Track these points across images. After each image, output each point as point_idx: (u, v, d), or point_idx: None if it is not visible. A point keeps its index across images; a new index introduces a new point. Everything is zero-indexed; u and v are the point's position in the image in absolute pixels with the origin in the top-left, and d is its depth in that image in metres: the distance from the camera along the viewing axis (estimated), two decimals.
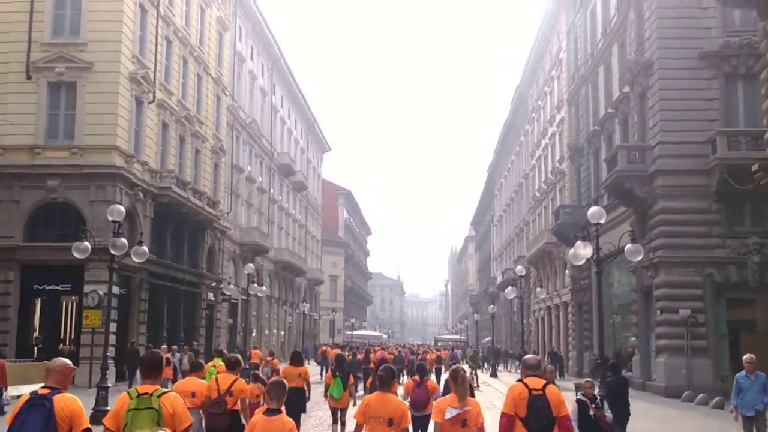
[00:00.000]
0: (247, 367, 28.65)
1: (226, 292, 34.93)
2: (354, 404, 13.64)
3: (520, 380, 7.32)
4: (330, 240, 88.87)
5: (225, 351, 20.09)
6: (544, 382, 7.14)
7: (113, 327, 27.62)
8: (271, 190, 55.10)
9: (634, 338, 31.18)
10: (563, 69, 45.42)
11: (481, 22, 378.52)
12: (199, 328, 37.96)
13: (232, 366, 10.71)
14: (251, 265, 34.33)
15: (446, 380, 9.42)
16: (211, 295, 39.48)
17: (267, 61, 54.28)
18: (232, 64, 44.60)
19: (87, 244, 17.68)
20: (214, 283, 38.95)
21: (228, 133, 43.59)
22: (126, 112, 28.88)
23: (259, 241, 47.20)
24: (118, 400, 5.78)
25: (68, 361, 5.77)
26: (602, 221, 16.40)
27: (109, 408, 12.42)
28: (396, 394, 8.14)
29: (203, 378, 12.86)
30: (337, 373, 13.53)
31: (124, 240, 17.42)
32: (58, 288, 28.31)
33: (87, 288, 26.96)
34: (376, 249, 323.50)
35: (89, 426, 5.48)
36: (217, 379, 10.38)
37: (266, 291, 34.68)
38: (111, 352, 27.51)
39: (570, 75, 43.20)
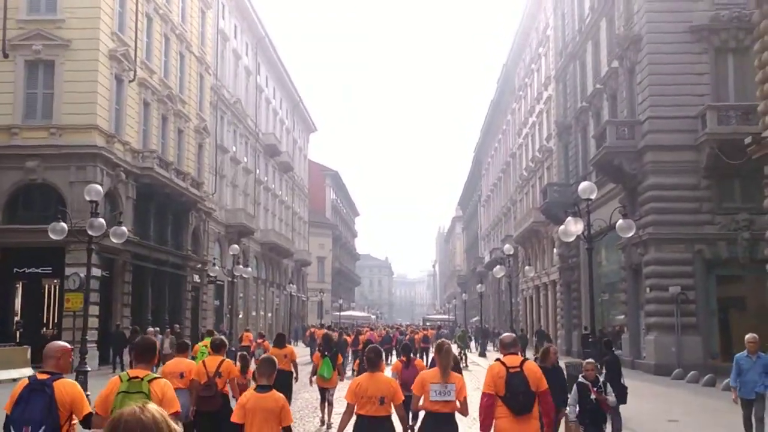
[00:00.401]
0: (234, 349, 28.49)
1: (211, 274, 34.46)
2: (341, 381, 13.89)
3: (498, 359, 7.39)
4: (317, 221, 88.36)
5: (215, 332, 19.95)
6: (521, 359, 7.20)
7: (95, 310, 27.29)
8: (257, 171, 54.50)
9: (622, 316, 31.00)
10: (550, 46, 44.95)
11: (470, 1, 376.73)
12: (185, 310, 37.54)
13: (217, 348, 10.76)
14: (236, 246, 33.85)
15: (433, 358, 9.47)
16: (196, 277, 39.03)
17: (251, 39, 53.50)
18: (216, 43, 43.88)
19: (63, 225, 17.21)
20: (200, 265, 38.49)
21: (212, 112, 42.95)
22: (106, 90, 28.26)
23: (245, 223, 46.69)
24: (109, 383, 5.77)
25: (65, 344, 5.71)
26: (593, 197, 16.07)
27: (89, 393, 12.27)
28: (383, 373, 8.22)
29: (194, 358, 13.07)
30: (326, 353, 13.66)
31: (101, 220, 16.92)
32: (39, 271, 27.77)
33: (68, 270, 26.48)
34: (364, 230, 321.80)
35: (92, 410, 5.47)
36: (204, 362, 10.42)
37: (252, 272, 34.19)
38: (93, 335, 27.27)
39: (557, 52, 42.75)
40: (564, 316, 40.54)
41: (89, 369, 17.07)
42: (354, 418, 7.57)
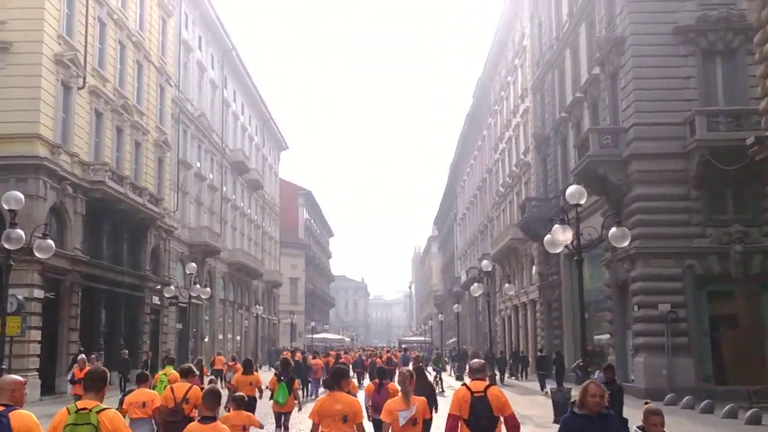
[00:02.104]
0: (209, 374, 26.44)
1: (167, 294, 32.23)
2: (299, 409, 13.76)
3: (464, 384, 7.75)
4: (289, 242, 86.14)
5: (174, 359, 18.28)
6: (486, 384, 7.45)
7: (37, 335, 25.03)
8: (224, 189, 52.36)
9: (606, 336, 29.21)
10: (527, 56, 43.45)
11: (441, 15, 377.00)
12: (143, 334, 35.20)
13: (185, 374, 10.90)
14: (193, 264, 31.65)
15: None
16: (156, 299, 36.71)
17: (217, 52, 51.57)
18: (178, 53, 41.89)
19: None
20: (159, 286, 36.18)
21: (173, 126, 40.87)
22: (50, 97, 26.15)
23: (210, 242, 44.50)
24: (57, 415, 5.67)
25: (18, 377, 5.66)
26: (582, 202, 14.24)
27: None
28: (353, 394, 8.72)
29: (154, 387, 12.95)
30: (282, 378, 13.46)
31: (19, 231, 14.80)
32: None
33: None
34: (339, 251, 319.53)
35: None
36: (172, 388, 10.53)
37: (209, 292, 31.96)
38: (35, 362, 25.00)
39: (534, 62, 41.24)
40: (545, 336, 38.68)
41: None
42: None
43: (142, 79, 35.91)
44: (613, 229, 13.88)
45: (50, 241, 16.52)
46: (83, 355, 21.27)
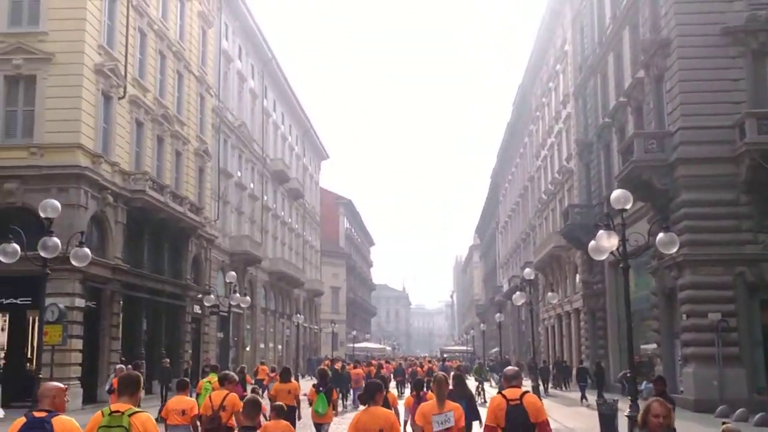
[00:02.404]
0: (252, 383, 26.35)
1: (207, 303, 32.18)
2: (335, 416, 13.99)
3: (499, 392, 7.72)
4: (330, 251, 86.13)
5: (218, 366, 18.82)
6: (521, 391, 7.39)
7: (78, 343, 25.12)
8: (264, 198, 52.46)
9: (653, 345, 28.39)
10: (568, 61, 42.80)
11: (481, 23, 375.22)
12: (184, 343, 35.25)
13: (222, 382, 11.19)
14: (233, 273, 31.51)
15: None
16: (197, 308, 36.76)
17: (257, 62, 51.76)
18: (218, 63, 42.08)
19: (16, 246, 14.98)
20: (200, 295, 36.19)
21: (214, 135, 41.03)
22: (91, 107, 26.30)
23: (251, 250, 44.53)
24: (91, 419, 5.83)
25: (59, 384, 5.75)
26: (628, 207, 13.71)
27: None
28: (391, 407, 8.88)
29: (199, 395, 13.41)
30: (321, 389, 13.45)
31: (55, 239, 14.74)
32: (18, 302, 25.57)
33: (48, 301, 24.22)
34: (380, 260, 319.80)
35: None
36: (210, 396, 10.84)
37: (248, 301, 31.81)
38: (76, 371, 25.09)
39: (576, 67, 40.58)
40: (589, 346, 37.87)
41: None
42: None
43: (183, 89, 36.10)
44: (661, 235, 13.33)
45: (87, 250, 16.43)
46: (122, 365, 21.19)
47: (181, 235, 34.55)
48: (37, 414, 5.40)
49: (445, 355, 69.72)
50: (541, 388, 32.46)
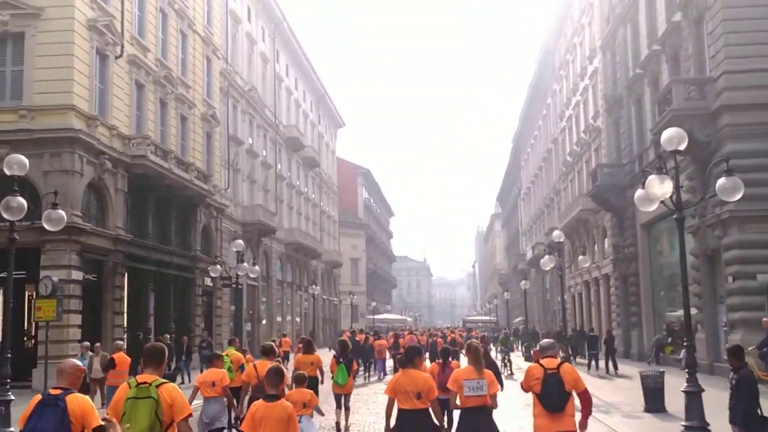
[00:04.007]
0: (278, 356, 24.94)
1: (212, 274, 30.46)
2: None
3: (537, 361, 7.87)
4: (349, 221, 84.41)
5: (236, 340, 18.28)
6: (558, 361, 7.58)
7: (76, 319, 23.56)
8: (278, 166, 50.63)
9: (695, 311, 26.37)
10: (595, 13, 40.39)
11: None
12: (195, 317, 33.69)
13: (267, 353, 11.55)
14: (240, 242, 29.63)
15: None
16: (208, 280, 35.15)
17: (267, 24, 49.68)
18: (225, 24, 40.11)
19: (21, 200, 13.29)
20: (212, 267, 34.60)
21: (222, 100, 39.16)
22: (84, 66, 24.50)
23: (264, 220, 42.80)
24: (120, 389, 5.94)
25: (78, 362, 5.73)
26: (682, 147, 11.73)
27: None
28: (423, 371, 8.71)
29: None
30: (341, 360, 13.75)
31: (20, 199, 13.00)
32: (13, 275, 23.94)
33: (43, 273, 22.67)
34: (400, 231, 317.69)
35: (101, 423, 5.36)
36: (255, 366, 11.51)
37: (257, 271, 29.99)
38: (75, 348, 23.53)
39: (604, 18, 38.18)
40: (621, 314, 35.91)
41: (12, 398, 13.04)
42: (396, 410, 8.13)
43: (187, 50, 34.22)
44: (722, 180, 11.33)
45: (61, 212, 14.69)
46: (121, 342, 19.62)
47: (188, 204, 32.87)
48: (52, 391, 5.40)
49: (468, 326, 68.12)
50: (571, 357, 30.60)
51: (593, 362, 28.82)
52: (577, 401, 7.57)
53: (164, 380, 5.84)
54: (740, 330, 21.57)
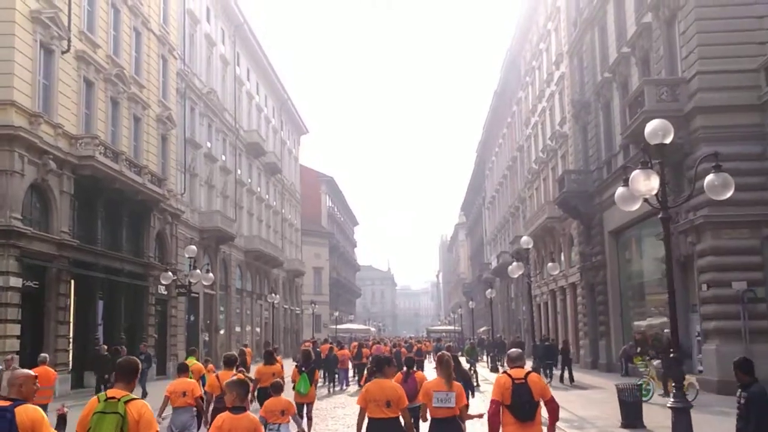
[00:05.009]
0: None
1: (163, 281, 28.96)
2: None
3: (504, 371, 7.93)
4: (312, 230, 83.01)
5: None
6: (525, 371, 7.68)
7: (14, 329, 21.98)
8: (238, 171, 49.20)
9: (665, 320, 25.62)
10: (561, 18, 39.77)
11: None
12: (147, 326, 32.12)
13: (229, 364, 11.81)
14: (192, 247, 28.14)
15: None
16: (163, 289, 33.64)
17: (227, 25, 48.32)
18: (182, 24, 38.71)
19: None
20: (163, 274, 33.10)
21: (179, 101, 37.72)
22: (26, 59, 23.03)
23: (223, 227, 41.36)
24: (89, 403, 5.77)
25: (30, 372, 5.66)
26: (668, 141, 10.81)
27: None
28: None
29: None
30: (303, 369, 13.71)
31: None
32: None
33: None
34: (365, 240, 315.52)
35: None
36: (218, 376, 11.46)
37: (211, 278, 28.43)
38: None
39: (571, 22, 37.53)
40: (588, 323, 35.13)
41: None
42: (366, 420, 8.30)
43: (141, 49, 32.78)
44: (711, 176, 10.44)
45: None
46: (14, 355, 18.12)
47: (141, 208, 31.38)
48: (1, 403, 5.21)
49: (436, 336, 67.19)
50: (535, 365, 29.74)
51: (548, 372, 28.15)
52: (544, 410, 7.68)
53: (134, 396, 5.67)
54: (715, 340, 20.79)
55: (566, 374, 27.56)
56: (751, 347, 19.84)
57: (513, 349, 8.36)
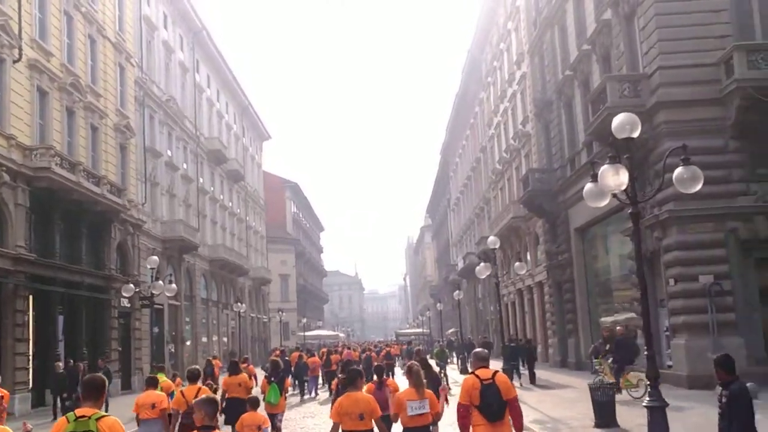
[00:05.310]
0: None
1: (125, 294, 28.35)
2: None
3: (471, 372, 7.95)
4: (277, 237, 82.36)
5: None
6: (492, 371, 7.77)
7: None
8: (200, 179, 48.54)
9: (633, 315, 25.65)
10: (521, 18, 39.81)
11: None
12: (110, 340, 31.40)
13: (193, 378, 11.65)
14: (155, 258, 27.57)
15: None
16: (125, 301, 32.93)
17: (186, 32, 47.68)
18: (139, 31, 38.04)
19: None
20: (125, 286, 32.40)
21: (137, 110, 37.04)
22: None
23: (186, 236, 40.72)
24: (56, 424, 5.69)
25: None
26: (636, 135, 10.68)
27: None
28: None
29: None
30: (273, 379, 13.67)
31: None
32: None
33: None
34: (331, 245, 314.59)
35: None
36: (183, 392, 11.27)
37: (174, 289, 27.82)
38: None
39: (531, 22, 37.57)
40: (556, 321, 35.13)
41: None
42: None
43: (97, 56, 32.12)
44: (680, 169, 10.30)
45: None
46: None
47: (101, 219, 30.69)
48: None
49: (406, 339, 66.96)
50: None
51: (516, 372, 27.69)
52: None
53: (105, 414, 5.55)
54: (684, 334, 20.80)
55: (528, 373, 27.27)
56: (719, 340, 19.91)
57: (478, 350, 8.41)
